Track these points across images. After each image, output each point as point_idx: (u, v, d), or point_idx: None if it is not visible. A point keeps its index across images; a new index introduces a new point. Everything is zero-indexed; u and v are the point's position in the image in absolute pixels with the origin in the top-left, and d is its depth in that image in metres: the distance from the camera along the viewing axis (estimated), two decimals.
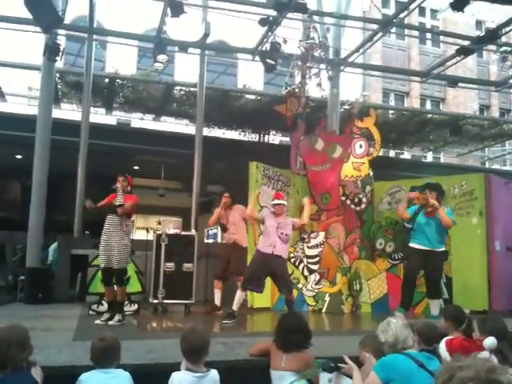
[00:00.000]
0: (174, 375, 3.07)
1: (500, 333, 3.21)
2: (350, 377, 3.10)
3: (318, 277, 8.23)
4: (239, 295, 6.47)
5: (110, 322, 5.84)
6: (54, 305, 8.17)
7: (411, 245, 6.94)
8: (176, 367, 3.16)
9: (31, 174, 9.41)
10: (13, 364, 2.72)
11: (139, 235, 13.60)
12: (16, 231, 12.00)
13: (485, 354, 2.79)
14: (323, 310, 8.04)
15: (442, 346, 3.33)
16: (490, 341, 3.12)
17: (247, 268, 6.72)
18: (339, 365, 3.13)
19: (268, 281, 7.70)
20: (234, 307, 6.36)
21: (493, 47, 12.67)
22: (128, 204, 5.98)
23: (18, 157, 12.71)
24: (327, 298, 8.11)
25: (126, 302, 6.99)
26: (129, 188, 6.19)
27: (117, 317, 5.92)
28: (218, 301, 7.41)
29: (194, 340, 3.11)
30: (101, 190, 6.39)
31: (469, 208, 8.33)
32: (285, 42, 8.78)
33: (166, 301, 7.31)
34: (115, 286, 6.10)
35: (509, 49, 11.33)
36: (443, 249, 6.83)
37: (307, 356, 3.61)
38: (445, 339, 3.44)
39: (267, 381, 3.57)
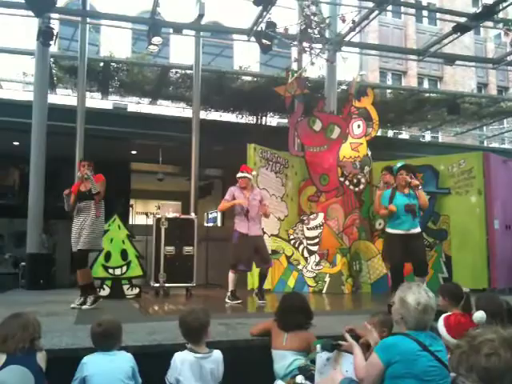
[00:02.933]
0: (177, 355, 3.09)
1: (495, 309, 3.23)
2: (351, 353, 3.09)
3: (317, 258, 8.27)
4: (231, 277, 6.49)
5: (84, 307, 5.77)
6: (56, 290, 8.22)
7: (389, 230, 6.39)
8: (178, 348, 3.18)
9: (29, 160, 9.39)
10: (14, 344, 2.77)
11: (139, 220, 13.59)
12: (15, 218, 12.01)
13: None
14: (323, 291, 8.09)
15: (440, 323, 3.34)
16: (480, 315, 3.14)
17: (233, 251, 6.66)
18: (340, 342, 3.13)
19: None
20: (232, 288, 6.43)
21: (490, 24, 12.55)
22: (102, 189, 5.97)
23: (16, 143, 12.65)
24: (327, 279, 8.16)
25: (128, 286, 7.04)
26: (92, 173, 6.04)
27: (89, 299, 5.85)
28: None
29: (192, 321, 3.13)
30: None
31: (467, 187, 8.34)
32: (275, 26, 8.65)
33: (167, 284, 7.36)
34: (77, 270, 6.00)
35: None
36: (420, 230, 6.39)
37: (308, 335, 3.64)
38: (443, 316, 3.46)
39: (268, 360, 3.60)
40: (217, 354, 3.18)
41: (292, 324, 3.62)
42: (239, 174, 6.63)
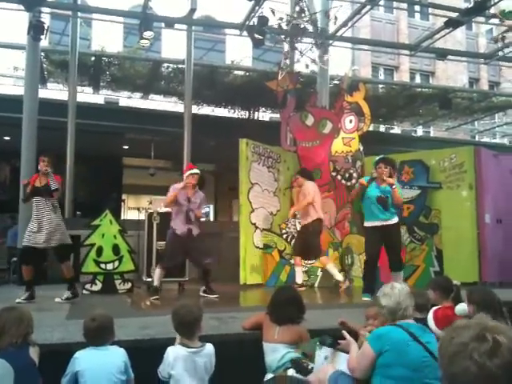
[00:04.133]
0: (169, 349, 3.10)
1: (487, 303, 3.27)
2: (347, 352, 3.11)
3: None
4: (158, 272, 6.51)
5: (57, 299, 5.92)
6: (48, 286, 8.16)
7: (365, 224, 6.55)
8: (170, 342, 3.19)
9: (20, 155, 9.32)
10: (9, 338, 2.76)
11: (131, 215, 13.57)
12: (6, 213, 11.94)
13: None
14: (316, 285, 8.11)
15: (430, 316, 3.38)
16: (461, 307, 3.19)
17: (166, 248, 6.71)
18: (338, 341, 3.15)
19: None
20: (157, 283, 6.48)
21: (482, 19, 12.59)
22: (60, 186, 6.07)
23: (6, 138, 12.57)
24: (319, 273, 8.18)
25: (120, 281, 7.03)
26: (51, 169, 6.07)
27: (66, 294, 6.00)
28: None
29: (185, 315, 3.14)
30: (90, 170, 6.36)
31: (459, 181, 8.37)
32: (273, 12, 8.61)
33: None
34: (60, 264, 6.10)
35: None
36: (397, 220, 6.47)
37: (300, 329, 3.66)
38: (433, 309, 3.49)
39: (260, 354, 3.61)
40: (209, 347, 3.19)
41: (284, 317, 3.63)
42: (191, 171, 6.59)
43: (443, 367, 1.30)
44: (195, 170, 6.61)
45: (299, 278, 7.55)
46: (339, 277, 7.41)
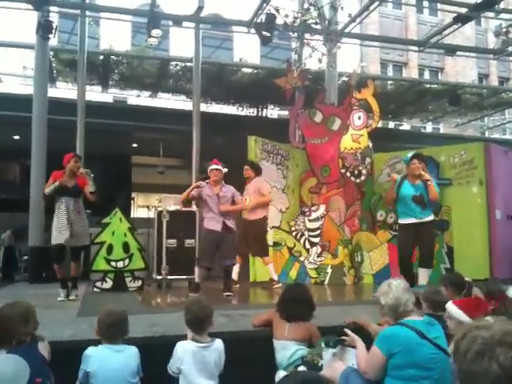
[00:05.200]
0: (179, 344, 3.11)
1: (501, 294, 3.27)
2: (354, 347, 3.10)
3: (319, 249, 8.27)
4: (197, 271, 6.49)
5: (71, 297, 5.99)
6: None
7: (400, 221, 6.56)
8: (179, 339, 3.20)
9: (30, 154, 9.39)
10: (16, 338, 2.74)
11: (140, 213, 13.60)
12: (17, 212, 12.01)
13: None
14: (325, 282, 8.10)
15: (453, 308, 3.18)
16: None
17: (200, 248, 6.65)
18: (342, 338, 3.13)
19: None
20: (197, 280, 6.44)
21: (491, 14, 12.50)
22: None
23: (16, 137, 12.65)
24: (329, 270, 8.16)
25: (130, 278, 7.05)
26: None
27: (74, 291, 6.11)
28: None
29: (198, 310, 3.15)
30: (100, 168, 6.38)
31: (469, 177, 8.31)
32: (277, 11, 8.59)
33: (169, 277, 7.37)
34: (72, 263, 6.19)
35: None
36: (432, 217, 6.48)
37: (310, 326, 3.65)
38: (451, 302, 3.42)
39: (270, 351, 3.61)
40: (218, 343, 3.19)
41: (294, 314, 3.62)
42: (211, 167, 6.51)
43: (462, 363, 1.32)
44: (214, 166, 6.50)
45: (274, 274, 7.45)
46: (275, 276, 7.35)
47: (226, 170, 6.59)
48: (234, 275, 7.18)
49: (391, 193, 6.64)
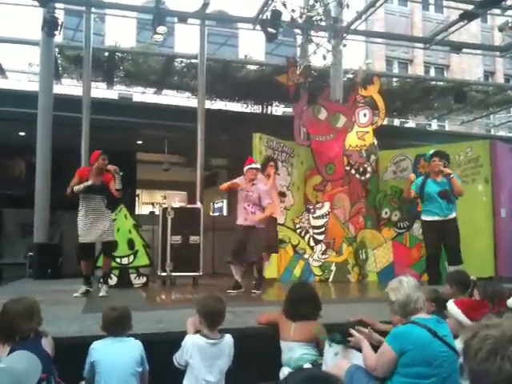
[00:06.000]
0: (188, 338, 3.11)
1: (498, 297, 3.26)
2: (359, 349, 3.08)
3: (324, 247, 8.27)
4: (232, 268, 6.43)
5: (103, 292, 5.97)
6: (64, 280, 8.25)
7: (424, 218, 6.72)
8: (184, 335, 3.20)
9: (35, 150, 9.41)
10: (20, 334, 2.76)
11: (145, 210, 13.64)
12: (22, 209, 12.06)
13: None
14: (330, 280, 8.10)
15: (453, 307, 3.22)
16: None
17: (232, 244, 6.55)
18: (348, 338, 3.12)
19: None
20: (237, 278, 6.39)
21: (497, 11, 12.42)
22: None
23: (22, 134, 12.68)
24: (333, 268, 8.17)
25: (135, 275, 7.07)
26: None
27: (104, 287, 6.06)
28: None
29: (215, 303, 3.17)
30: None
31: (474, 175, 8.29)
32: (284, 5, 8.55)
33: (173, 273, 7.38)
34: (104, 257, 6.23)
35: None
36: (455, 215, 6.60)
37: (316, 325, 3.62)
38: (451, 301, 3.43)
39: (274, 348, 3.61)
40: (228, 338, 3.20)
41: (300, 314, 3.59)
42: (247, 166, 6.45)
43: (472, 363, 1.32)
44: (253, 165, 6.47)
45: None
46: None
47: (258, 166, 6.62)
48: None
49: (407, 193, 6.90)
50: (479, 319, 2.62)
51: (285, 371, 3.42)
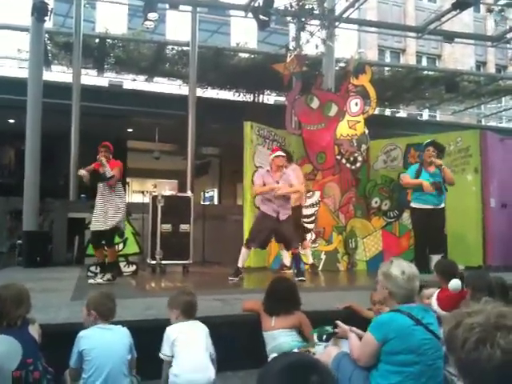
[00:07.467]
0: (168, 328, 3.15)
1: (482, 286, 3.30)
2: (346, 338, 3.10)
3: (313, 236, 8.29)
4: (243, 252, 6.40)
5: (98, 280, 6.00)
6: (53, 268, 8.24)
7: (414, 205, 6.80)
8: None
9: (24, 138, 9.33)
10: (7, 320, 2.75)
11: (136, 198, 13.59)
12: (12, 196, 11.99)
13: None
14: (319, 268, 8.12)
15: (434, 299, 3.34)
16: (454, 283, 3.20)
17: (252, 227, 6.62)
18: (334, 331, 3.14)
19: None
20: (240, 264, 6.38)
21: (490, 1, 12.43)
22: (116, 174, 6.27)
23: (11, 121, 12.57)
24: (323, 257, 8.20)
25: (125, 263, 7.07)
26: (110, 156, 6.38)
27: (106, 276, 6.06)
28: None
29: (189, 298, 3.21)
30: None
31: (464, 165, 8.32)
32: None
33: (163, 261, 7.37)
34: (111, 248, 6.32)
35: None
36: (444, 205, 6.73)
37: (298, 315, 3.62)
38: (435, 293, 3.48)
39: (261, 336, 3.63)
40: (201, 323, 3.24)
41: (278, 310, 3.61)
42: (274, 154, 6.47)
43: (460, 353, 1.30)
44: (278, 153, 6.48)
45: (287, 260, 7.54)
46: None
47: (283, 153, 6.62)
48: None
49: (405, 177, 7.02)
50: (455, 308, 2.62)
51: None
